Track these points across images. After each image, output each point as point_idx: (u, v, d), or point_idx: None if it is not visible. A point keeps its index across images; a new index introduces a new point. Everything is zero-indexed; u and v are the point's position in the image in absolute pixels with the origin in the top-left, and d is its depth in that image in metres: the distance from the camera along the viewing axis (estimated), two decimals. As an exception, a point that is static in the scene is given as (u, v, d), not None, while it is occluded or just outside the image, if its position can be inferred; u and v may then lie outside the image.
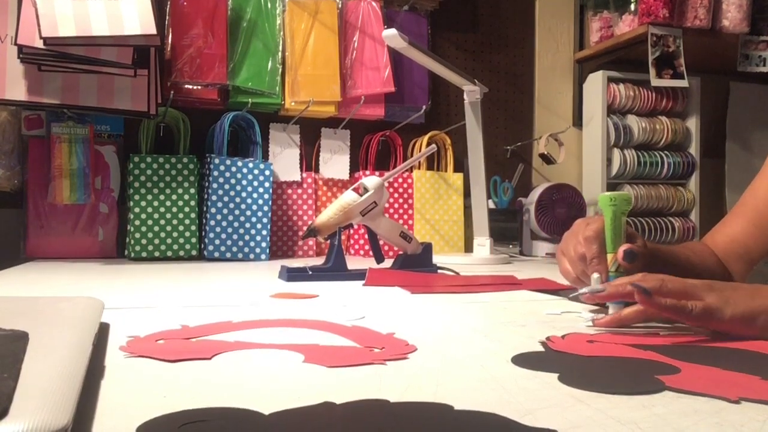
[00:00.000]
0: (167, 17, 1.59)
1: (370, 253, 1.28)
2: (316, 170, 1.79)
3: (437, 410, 0.36)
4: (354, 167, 1.84)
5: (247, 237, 1.55)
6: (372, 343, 0.54)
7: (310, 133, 1.80)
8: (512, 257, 1.67)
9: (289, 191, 1.73)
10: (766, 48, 1.99)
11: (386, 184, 1.19)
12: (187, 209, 1.54)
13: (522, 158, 2.07)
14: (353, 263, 1.19)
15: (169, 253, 1.52)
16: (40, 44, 1.24)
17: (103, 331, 0.57)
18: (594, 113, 2.04)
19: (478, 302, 0.83)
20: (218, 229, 1.51)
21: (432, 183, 1.82)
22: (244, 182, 1.56)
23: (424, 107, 1.87)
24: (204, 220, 1.53)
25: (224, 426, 0.33)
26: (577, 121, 2.13)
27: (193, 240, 1.54)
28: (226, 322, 0.64)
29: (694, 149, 2.10)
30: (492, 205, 1.81)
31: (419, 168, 1.83)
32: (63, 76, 1.33)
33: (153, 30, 1.28)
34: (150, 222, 1.51)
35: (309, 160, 1.80)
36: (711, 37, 1.95)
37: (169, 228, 1.52)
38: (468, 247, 1.81)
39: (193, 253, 1.54)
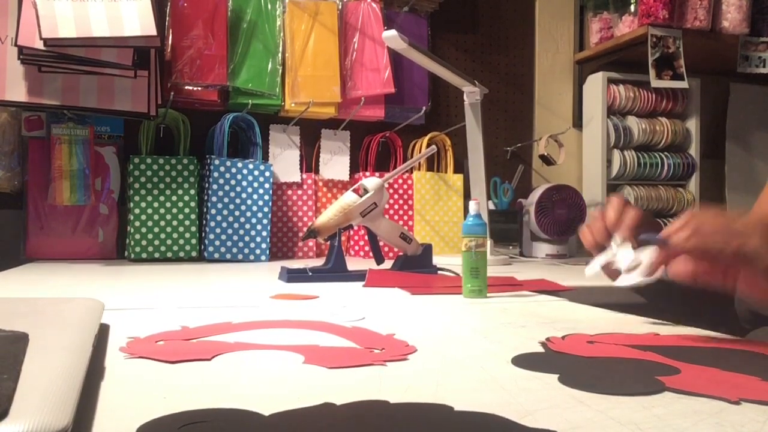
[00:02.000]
0: (167, 18, 1.59)
1: (370, 254, 1.28)
2: (316, 171, 1.79)
3: (437, 411, 0.36)
4: (354, 168, 1.84)
5: (247, 238, 1.55)
6: (372, 344, 0.54)
7: (310, 135, 1.80)
8: (512, 258, 1.67)
9: (289, 192, 1.73)
10: (765, 49, 1.99)
11: (386, 185, 1.19)
12: (187, 210, 1.54)
13: (522, 159, 2.07)
14: (353, 264, 1.19)
15: (169, 254, 1.52)
16: (40, 45, 1.24)
17: (103, 332, 0.57)
18: (594, 114, 2.04)
19: (478, 303, 0.83)
20: (218, 230, 1.51)
21: (432, 184, 1.82)
22: (244, 183, 1.56)
23: (424, 108, 1.87)
24: (204, 221, 1.53)
25: (224, 427, 0.33)
26: (577, 122, 2.13)
27: (193, 241, 1.54)
28: (226, 323, 0.64)
29: (694, 150, 2.10)
30: (492, 206, 1.81)
31: (419, 169, 1.83)
32: (63, 77, 1.33)
33: (153, 31, 1.28)
34: (150, 223, 1.51)
35: (309, 161, 1.80)
36: (711, 38, 1.95)
37: (169, 229, 1.52)
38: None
39: (193, 254, 1.54)
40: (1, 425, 0.27)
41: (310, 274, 1.08)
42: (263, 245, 1.56)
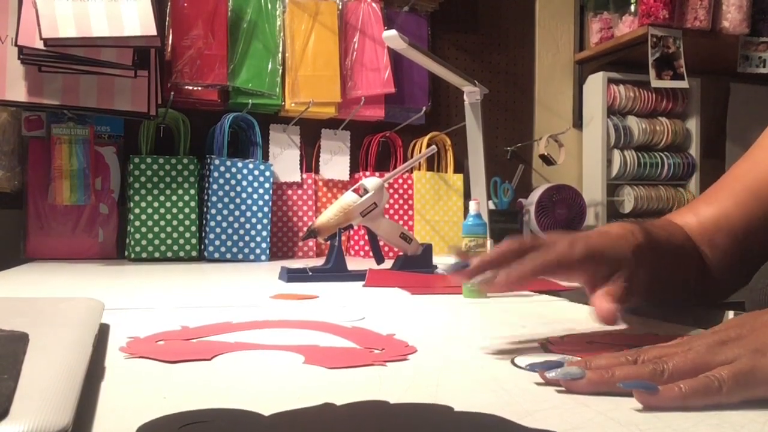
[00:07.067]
0: (167, 18, 1.59)
1: (370, 254, 1.28)
2: (316, 171, 1.80)
3: (437, 411, 0.36)
4: (354, 168, 1.84)
5: (247, 238, 1.55)
6: (372, 344, 0.54)
7: (310, 134, 1.80)
8: (512, 258, 1.66)
9: (290, 192, 1.73)
10: (766, 49, 1.99)
11: (386, 185, 1.19)
12: (187, 210, 1.54)
13: (522, 159, 2.07)
14: (353, 264, 1.18)
15: (169, 254, 1.52)
16: (40, 45, 1.24)
17: (103, 332, 0.57)
18: (594, 114, 2.04)
19: (478, 303, 0.83)
20: (218, 230, 1.51)
21: (432, 184, 1.82)
22: (244, 183, 1.56)
23: (424, 108, 1.87)
24: (204, 221, 1.53)
25: (224, 427, 0.33)
26: (577, 122, 2.13)
27: (193, 241, 1.54)
28: (226, 323, 0.64)
29: (694, 150, 2.10)
30: (492, 206, 1.81)
31: (419, 169, 1.83)
32: (63, 77, 1.33)
33: (153, 31, 1.28)
34: (150, 223, 1.51)
35: (309, 161, 1.80)
36: (711, 38, 1.95)
37: (169, 229, 1.52)
38: (468, 248, 1.80)
39: (193, 253, 1.54)
40: (1, 425, 0.27)
41: (310, 273, 1.08)
42: (263, 245, 1.56)
